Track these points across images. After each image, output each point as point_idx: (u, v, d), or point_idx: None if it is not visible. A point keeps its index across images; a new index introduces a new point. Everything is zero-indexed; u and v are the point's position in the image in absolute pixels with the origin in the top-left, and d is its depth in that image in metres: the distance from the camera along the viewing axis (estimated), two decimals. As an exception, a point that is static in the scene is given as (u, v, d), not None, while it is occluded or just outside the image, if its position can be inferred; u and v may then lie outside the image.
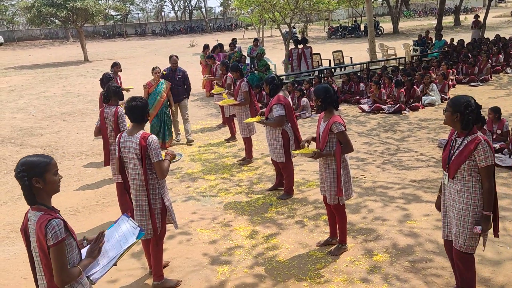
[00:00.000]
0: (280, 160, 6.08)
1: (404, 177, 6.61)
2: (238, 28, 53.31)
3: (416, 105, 10.65)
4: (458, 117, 3.39)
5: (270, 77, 6.10)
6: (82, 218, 6.06)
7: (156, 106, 8.70)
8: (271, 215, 5.73)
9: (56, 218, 2.50)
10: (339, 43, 29.12)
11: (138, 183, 3.97)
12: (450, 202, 3.53)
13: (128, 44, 41.51)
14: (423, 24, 39.50)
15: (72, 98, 15.46)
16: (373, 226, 5.23)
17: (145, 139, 3.84)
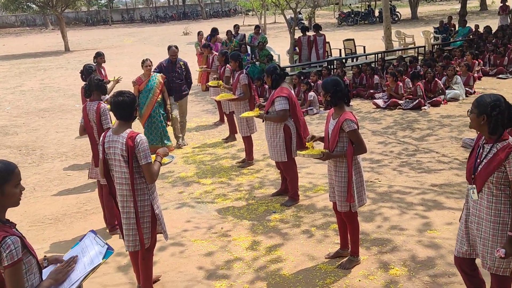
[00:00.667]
0: (281, 160, 6.08)
1: (424, 181, 6.60)
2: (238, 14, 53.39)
3: (437, 100, 10.65)
4: (485, 120, 3.22)
5: (271, 66, 6.10)
6: (62, 227, 6.07)
7: (149, 105, 8.28)
8: (274, 224, 5.73)
9: (11, 235, 2.41)
10: (351, 30, 29.14)
11: (124, 188, 3.97)
12: (474, 219, 3.41)
13: (114, 32, 41.57)
14: (445, 9, 39.52)
15: (52, 93, 15.50)
16: (389, 236, 5.22)
17: (132, 138, 3.84)
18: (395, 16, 31.98)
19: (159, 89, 8.32)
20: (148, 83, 8.28)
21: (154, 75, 8.36)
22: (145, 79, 8.32)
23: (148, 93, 8.25)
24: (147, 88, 8.26)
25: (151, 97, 8.25)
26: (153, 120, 8.34)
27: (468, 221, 3.48)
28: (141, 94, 8.29)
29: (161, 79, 8.37)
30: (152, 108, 8.28)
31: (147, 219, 4.04)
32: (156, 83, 8.30)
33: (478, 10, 36.60)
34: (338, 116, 4.40)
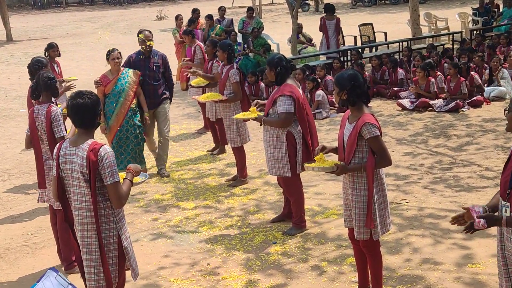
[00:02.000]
0: (283, 175, 6.09)
1: (463, 202, 6.63)
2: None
3: (478, 100, 10.72)
4: None
5: (276, 57, 6.11)
6: (5, 266, 6.04)
7: (119, 114, 7.62)
8: (275, 258, 5.73)
9: None
10: (368, 12, 29.34)
11: (85, 213, 3.96)
12: (510, 245, 3.46)
13: (69, 16, 41.65)
14: (486, -15, 39.85)
15: (-10, 94, 15.47)
16: (420, 272, 5.23)
17: (95, 151, 3.82)
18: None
19: (133, 91, 7.67)
20: (117, 82, 7.60)
21: (125, 71, 7.70)
22: (112, 77, 7.64)
23: (117, 96, 7.60)
24: (116, 89, 7.60)
25: (122, 102, 7.59)
26: (125, 135, 7.69)
27: (504, 249, 3.52)
28: (108, 98, 7.66)
29: (135, 77, 7.72)
30: (124, 117, 7.63)
31: (113, 253, 4.01)
32: (128, 83, 7.65)
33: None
34: (356, 119, 4.42)
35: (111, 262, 4.01)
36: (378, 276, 4.67)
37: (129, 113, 7.62)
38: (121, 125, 7.59)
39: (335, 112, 11.03)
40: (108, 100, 7.58)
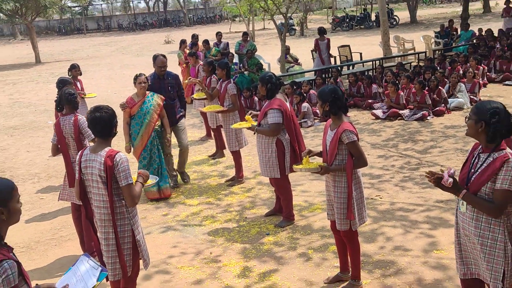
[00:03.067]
0: (273, 176, 6.10)
1: (429, 197, 6.65)
2: (224, 20, 53.72)
3: (441, 110, 10.77)
4: (483, 127, 3.27)
5: (267, 75, 6.13)
6: (35, 256, 6.01)
7: (144, 134, 7.06)
8: (268, 247, 5.72)
9: (9, 259, 2.46)
10: (346, 36, 29.45)
11: (103, 211, 3.96)
12: (468, 235, 3.45)
13: (90, 41, 41.65)
14: (446, 12, 40.11)
15: (22, 109, 15.44)
16: (392, 258, 5.24)
17: (111, 157, 3.83)
18: (393, 20, 32.43)
19: (157, 113, 7.09)
20: (142, 105, 7.03)
21: (150, 95, 7.10)
22: (138, 100, 7.06)
23: (142, 118, 7.03)
24: (142, 111, 7.02)
25: (146, 123, 7.02)
26: (149, 154, 7.18)
27: (460, 236, 3.53)
28: (134, 119, 7.07)
29: (160, 100, 7.16)
30: (148, 138, 7.08)
31: (128, 245, 4.01)
32: (153, 105, 7.06)
33: (481, 12, 37.21)
34: (337, 127, 4.44)
35: (126, 253, 4.01)
36: (356, 261, 4.68)
37: (153, 134, 7.10)
38: (145, 145, 7.09)
39: (318, 121, 11.05)
40: (133, 121, 7.06)
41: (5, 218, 2.53)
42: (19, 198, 2.61)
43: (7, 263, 2.43)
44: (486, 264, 3.35)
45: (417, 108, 10.76)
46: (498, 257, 3.32)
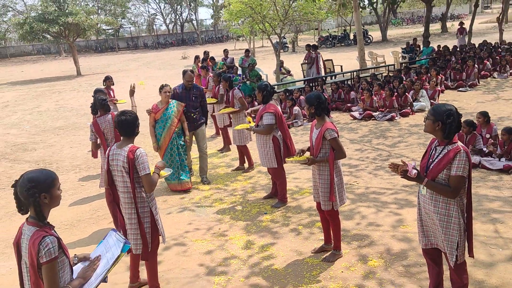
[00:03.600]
0: (271, 166, 6.10)
1: (396, 183, 6.64)
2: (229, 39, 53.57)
3: (406, 111, 10.74)
4: (440, 126, 3.31)
5: (263, 84, 6.15)
6: (77, 232, 6.02)
7: (166, 136, 6.87)
8: (266, 224, 5.72)
9: (50, 235, 2.47)
10: (329, 52, 29.32)
11: (126, 196, 3.97)
12: (428, 213, 3.45)
13: (120, 57, 41.53)
14: (411, 32, 39.93)
15: (65, 113, 15.42)
16: (367, 232, 5.24)
17: (133, 152, 3.85)
18: (367, 38, 32.27)
19: (177, 118, 6.92)
20: (165, 111, 6.86)
21: (172, 103, 6.93)
22: (162, 106, 6.89)
23: (165, 122, 6.87)
24: (164, 117, 6.86)
25: (168, 126, 6.85)
26: (170, 152, 6.95)
27: (422, 214, 3.54)
28: (158, 123, 6.93)
29: (180, 107, 6.96)
30: (170, 139, 6.89)
31: (148, 224, 4.03)
32: (174, 112, 6.89)
33: (439, 32, 37.02)
34: (321, 126, 4.44)
35: (147, 231, 4.03)
36: (337, 235, 4.68)
37: (174, 135, 6.85)
38: (167, 144, 6.87)
39: (307, 122, 11.02)
40: (157, 125, 6.90)
41: (47, 202, 2.53)
42: (59, 186, 2.62)
43: (48, 239, 2.45)
44: (444, 236, 3.36)
45: (387, 111, 10.73)
46: (453, 230, 3.34)
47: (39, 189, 2.49)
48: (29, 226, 2.53)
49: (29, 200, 2.48)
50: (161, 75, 24.71)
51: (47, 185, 2.52)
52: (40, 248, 2.41)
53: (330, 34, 38.44)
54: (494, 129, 7.56)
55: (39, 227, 2.50)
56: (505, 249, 4.57)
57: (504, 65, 14.49)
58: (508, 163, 6.69)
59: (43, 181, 2.52)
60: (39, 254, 2.42)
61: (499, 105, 10.71)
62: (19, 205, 2.55)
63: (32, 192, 2.47)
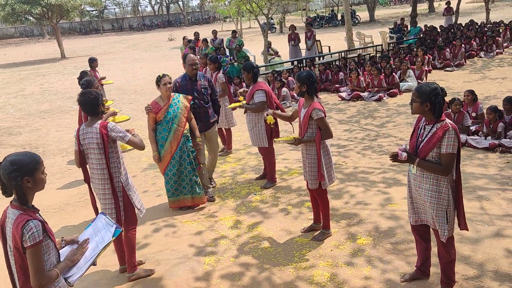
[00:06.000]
0: (262, 145, 6.09)
1: (384, 162, 6.69)
2: (216, 20, 52.94)
3: (394, 92, 10.77)
4: (429, 107, 3.30)
5: (248, 64, 6.09)
6: (65, 216, 5.98)
7: (173, 141, 5.32)
8: (255, 204, 5.74)
9: (34, 219, 2.43)
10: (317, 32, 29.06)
11: (100, 172, 3.97)
12: (418, 190, 3.49)
13: (105, 39, 40.85)
14: (398, 12, 39.82)
15: (51, 96, 15.18)
16: (355, 211, 5.28)
17: (105, 126, 3.87)
18: (355, 19, 32.10)
19: (185, 117, 5.34)
20: (169, 109, 5.27)
21: (175, 97, 5.35)
22: (164, 103, 5.28)
23: (170, 123, 5.27)
24: (169, 116, 5.27)
25: (175, 128, 5.28)
26: (179, 162, 5.41)
27: (412, 192, 3.58)
28: (160, 125, 5.30)
29: (186, 102, 5.42)
30: (177, 144, 5.33)
31: (121, 198, 4.05)
32: (180, 108, 5.32)
33: (427, 12, 36.99)
34: (308, 105, 4.42)
35: (121, 204, 4.05)
36: (326, 214, 4.72)
37: (183, 139, 5.36)
38: (174, 152, 5.37)
39: (295, 103, 11.00)
40: (160, 127, 5.30)
41: (30, 186, 2.48)
42: (44, 169, 2.57)
43: (32, 223, 2.40)
44: (435, 212, 3.41)
45: (375, 91, 10.75)
46: (443, 206, 3.39)
47: (21, 172, 2.43)
48: (13, 210, 2.48)
49: (11, 183, 2.43)
50: (148, 57, 24.41)
51: (31, 169, 2.47)
52: (24, 232, 2.37)
53: (317, 14, 38.19)
54: (480, 107, 7.63)
55: (22, 211, 2.46)
56: (490, 225, 4.65)
57: (491, 44, 14.56)
58: (494, 142, 6.77)
59: (26, 164, 2.46)
60: (23, 238, 2.38)
61: (486, 84, 10.79)
62: (3, 188, 2.50)
63: (14, 176, 2.41)
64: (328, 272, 4.13)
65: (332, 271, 4.15)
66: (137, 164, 7.67)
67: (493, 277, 3.81)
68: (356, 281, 3.96)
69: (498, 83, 10.87)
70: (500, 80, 11.11)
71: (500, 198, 5.20)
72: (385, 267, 4.13)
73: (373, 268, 4.12)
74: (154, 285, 4.22)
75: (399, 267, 4.10)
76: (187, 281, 4.22)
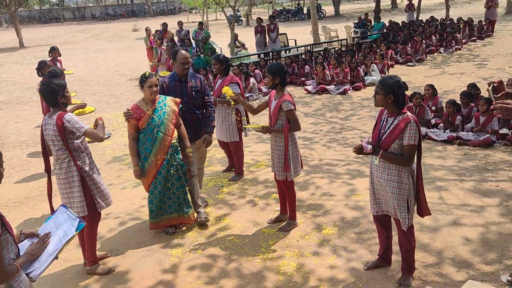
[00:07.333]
0: (233, 140, 6.07)
1: (349, 154, 6.82)
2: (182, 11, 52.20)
3: (358, 85, 10.98)
4: (392, 99, 3.40)
5: (221, 56, 6.02)
6: (26, 209, 5.79)
7: (159, 153, 4.48)
8: (222, 196, 5.74)
9: None
10: (283, 26, 29.24)
11: (60, 163, 3.91)
12: (380, 181, 3.58)
13: (66, 29, 39.55)
14: (362, 7, 40.52)
15: (9, 86, 14.60)
16: (321, 202, 5.38)
17: (60, 118, 3.80)
18: (320, 13, 32.42)
19: (172, 123, 4.53)
20: (153, 114, 4.44)
21: (161, 100, 4.55)
22: (147, 108, 4.44)
23: (155, 131, 4.44)
24: (153, 123, 4.43)
25: (161, 137, 4.45)
26: (166, 177, 4.58)
27: (374, 183, 3.68)
28: (144, 134, 4.46)
29: (174, 105, 4.60)
30: (164, 156, 4.51)
31: (83, 191, 3.94)
32: (167, 113, 4.51)
33: (390, 7, 37.80)
34: (279, 97, 4.45)
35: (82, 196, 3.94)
36: (293, 205, 4.78)
37: (170, 150, 4.55)
38: (161, 166, 4.53)
39: (261, 95, 11.04)
40: (143, 137, 4.46)
41: None
42: (2, 163, 2.49)
43: None
44: (397, 202, 3.51)
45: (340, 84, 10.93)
46: (404, 195, 3.50)
47: None
48: None
49: None
50: (111, 47, 23.83)
51: None
52: None
53: (284, 8, 38.30)
54: (440, 101, 7.90)
55: None
56: (448, 214, 4.84)
57: (450, 40, 15.05)
58: (452, 134, 7.04)
59: None
60: None
61: (445, 79, 11.17)
62: None
63: None
64: (295, 262, 4.19)
65: (299, 261, 4.22)
66: (101, 157, 7.50)
67: (451, 263, 3.97)
68: (322, 270, 4.05)
69: (457, 78, 11.27)
70: (459, 75, 11.52)
71: (458, 189, 5.42)
72: (350, 256, 4.23)
73: (338, 257, 4.22)
74: (120, 278, 4.17)
75: (362, 255, 4.22)
76: (154, 273, 4.19)
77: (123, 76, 15.38)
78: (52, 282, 4.20)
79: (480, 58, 13.51)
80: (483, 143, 6.68)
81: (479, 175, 5.76)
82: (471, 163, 6.17)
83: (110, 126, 9.08)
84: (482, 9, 19.55)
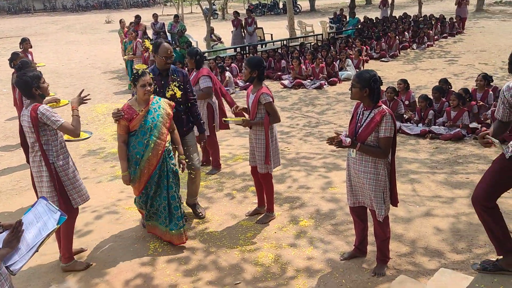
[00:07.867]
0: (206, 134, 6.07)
1: (325, 148, 6.92)
2: (156, 4, 51.48)
3: (334, 80, 11.12)
4: (367, 92, 3.49)
5: (194, 50, 6.02)
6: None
7: (152, 158, 4.15)
8: (200, 190, 5.69)
9: None
10: (259, 20, 29.14)
11: (34, 154, 3.86)
12: (357, 173, 3.66)
13: (37, 20, 38.47)
14: (337, 3, 40.83)
15: (-24, 78, 14.13)
16: (298, 194, 5.45)
17: (35, 110, 3.73)
18: (296, 8, 32.52)
19: (166, 127, 4.23)
20: (147, 116, 4.13)
21: (155, 101, 4.24)
22: (140, 109, 4.14)
23: (148, 134, 4.12)
24: (146, 125, 4.11)
25: (154, 141, 4.13)
26: (157, 183, 4.28)
27: (351, 175, 3.77)
28: (135, 137, 4.14)
29: (169, 108, 4.30)
30: (157, 162, 4.19)
31: (51, 182, 3.84)
32: (161, 116, 4.20)
33: (364, 3, 38.25)
34: (256, 91, 4.48)
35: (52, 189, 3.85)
36: (271, 198, 4.83)
37: (164, 155, 4.24)
38: (153, 172, 4.22)
39: (238, 89, 11.05)
40: (134, 140, 4.13)
41: None
42: None
43: None
44: (373, 193, 3.61)
45: (316, 79, 11.04)
46: (380, 187, 3.60)
47: None
48: None
49: None
50: (84, 39, 23.34)
51: None
52: None
53: (259, 2, 38.25)
54: (412, 96, 8.09)
55: None
56: (421, 206, 4.99)
57: (423, 37, 15.38)
58: (425, 128, 7.23)
59: None
60: None
61: (417, 75, 11.43)
62: None
63: None
64: (273, 254, 4.25)
65: (276, 252, 4.28)
66: (75, 150, 7.38)
67: (423, 253, 4.11)
68: (299, 261, 4.12)
69: (429, 73, 11.54)
70: (430, 71, 11.80)
71: (430, 181, 5.59)
72: (326, 247, 4.32)
73: (315, 249, 4.30)
74: (98, 271, 4.14)
75: (339, 246, 4.31)
76: (132, 267, 4.18)
77: (97, 69, 15.11)
78: (27, 276, 4.14)
79: (451, 55, 13.88)
80: (454, 137, 6.89)
81: (450, 168, 5.95)
82: (442, 156, 6.36)
83: (84, 119, 8.94)
84: (453, 7, 20.02)
